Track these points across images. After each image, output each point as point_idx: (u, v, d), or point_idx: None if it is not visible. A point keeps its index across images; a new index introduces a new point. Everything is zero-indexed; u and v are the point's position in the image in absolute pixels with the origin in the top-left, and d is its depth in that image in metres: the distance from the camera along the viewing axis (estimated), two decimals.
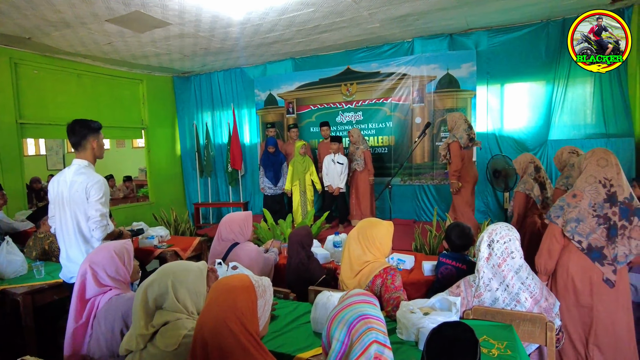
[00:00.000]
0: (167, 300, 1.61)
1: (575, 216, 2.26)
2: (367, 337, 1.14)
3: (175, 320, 1.59)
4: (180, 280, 1.64)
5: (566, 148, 3.36)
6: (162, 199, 7.47)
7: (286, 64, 6.97)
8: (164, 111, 7.75)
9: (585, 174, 2.34)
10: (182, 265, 1.70)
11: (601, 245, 2.23)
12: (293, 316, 2.21)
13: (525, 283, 2.05)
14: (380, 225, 2.38)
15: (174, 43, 5.48)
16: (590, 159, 2.35)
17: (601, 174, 2.28)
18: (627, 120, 4.97)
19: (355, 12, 4.61)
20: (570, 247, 2.31)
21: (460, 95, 5.79)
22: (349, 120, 6.60)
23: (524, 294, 2.04)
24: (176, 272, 1.65)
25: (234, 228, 2.98)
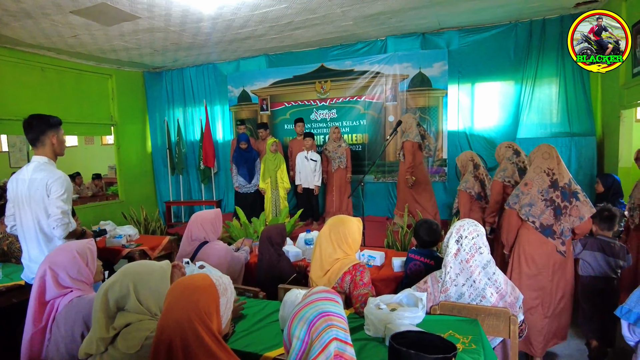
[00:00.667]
0: (129, 302, 1.56)
1: (528, 201, 2.75)
2: (327, 335, 1.14)
3: (138, 321, 1.54)
4: (142, 281, 1.59)
5: (504, 144, 3.64)
6: (133, 197, 7.28)
7: (260, 60, 6.90)
8: (134, 107, 7.55)
9: (533, 165, 2.83)
10: (145, 265, 1.66)
11: (551, 223, 2.72)
12: (262, 315, 2.19)
13: (492, 279, 2.08)
14: (351, 222, 2.39)
15: (143, 37, 5.34)
16: (537, 153, 2.85)
17: (545, 165, 2.77)
18: (589, 120, 5.16)
19: (328, 10, 4.60)
20: (527, 227, 2.78)
21: (432, 94, 5.88)
22: (323, 118, 6.60)
23: (490, 289, 2.07)
24: (138, 273, 1.60)
25: (205, 226, 2.92)
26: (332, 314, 1.20)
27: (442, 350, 1.43)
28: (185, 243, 2.89)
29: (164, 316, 1.32)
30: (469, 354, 1.73)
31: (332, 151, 5.84)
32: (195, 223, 2.87)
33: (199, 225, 2.85)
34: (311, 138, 5.69)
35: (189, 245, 2.86)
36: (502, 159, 3.54)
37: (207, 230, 2.87)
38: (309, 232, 3.48)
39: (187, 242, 2.87)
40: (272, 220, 4.90)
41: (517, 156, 3.47)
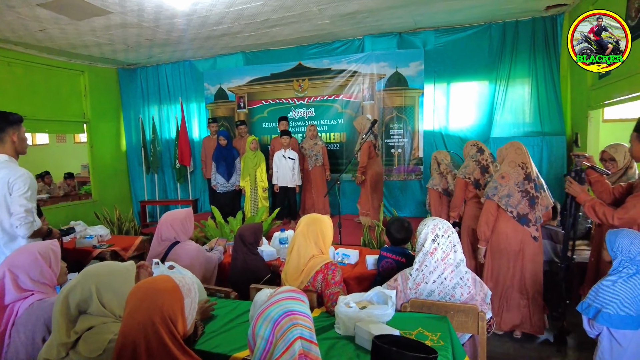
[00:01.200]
0: (91, 305, 1.51)
1: (506, 192, 2.98)
2: (292, 334, 1.13)
3: (101, 324, 1.50)
4: (105, 284, 1.54)
5: (470, 142, 3.79)
6: (107, 197, 7.11)
7: (237, 58, 6.84)
8: (108, 104, 7.37)
9: (507, 160, 3.06)
10: (108, 266, 1.61)
11: (526, 212, 2.98)
12: (232, 315, 2.16)
13: (464, 278, 2.11)
14: (324, 219, 2.43)
15: (116, 33, 5.21)
16: (510, 149, 3.09)
17: (519, 159, 3.02)
18: (559, 120, 5.30)
19: (305, 7, 4.59)
20: (504, 216, 3.01)
21: (409, 93, 5.93)
22: (301, 117, 6.58)
23: (461, 289, 2.09)
24: (100, 275, 1.55)
25: (175, 226, 2.87)
26: (297, 313, 1.19)
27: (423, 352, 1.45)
28: (155, 243, 2.83)
29: (127, 321, 1.28)
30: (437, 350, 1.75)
31: (308, 149, 5.83)
32: (165, 223, 2.81)
33: (168, 225, 2.80)
34: (288, 136, 5.67)
35: (159, 246, 2.80)
36: (467, 156, 3.70)
37: (177, 230, 2.82)
38: (283, 232, 3.47)
39: (157, 242, 2.81)
40: (249, 219, 4.85)
41: (481, 154, 3.58)
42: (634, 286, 1.95)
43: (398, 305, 2.12)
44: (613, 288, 1.99)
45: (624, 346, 1.99)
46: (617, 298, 1.96)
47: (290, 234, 3.46)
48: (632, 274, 1.98)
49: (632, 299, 1.94)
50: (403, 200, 6.16)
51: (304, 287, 2.27)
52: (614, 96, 3.85)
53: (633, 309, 1.93)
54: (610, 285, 2.01)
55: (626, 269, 2.01)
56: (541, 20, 5.31)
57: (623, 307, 1.94)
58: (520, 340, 3.26)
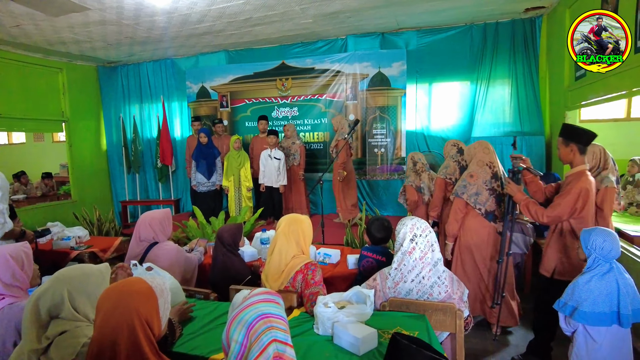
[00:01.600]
0: (63, 310, 1.47)
1: (475, 191, 3.10)
2: (266, 337, 1.12)
3: (74, 328, 1.47)
4: (78, 288, 1.51)
5: (451, 141, 3.87)
6: (87, 197, 6.98)
7: (219, 56, 6.77)
8: (88, 103, 7.23)
9: (475, 159, 3.19)
10: (80, 269, 1.57)
11: (493, 209, 3.12)
12: (211, 317, 2.15)
13: (442, 277, 2.12)
14: (304, 219, 2.44)
15: (95, 30, 5.11)
16: (478, 149, 3.22)
17: (487, 159, 3.15)
18: (538, 120, 5.39)
19: (287, 7, 4.57)
20: (472, 213, 3.13)
21: (391, 93, 5.97)
22: (284, 116, 6.56)
23: (439, 288, 2.11)
24: (73, 279, 1.52)
25: (154, 226, 2.82)
26: (271, 316, 1.18)
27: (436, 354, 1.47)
28: (133, 244, 2.79)
29: (101, 325, 1.25)
30: None
31: (286, 148, 5.83)
32: (144, 223, 2.77)
33: (147, 226, 2.75)
34: (275, 136, 5.64)
35: (137, 247, 2.76)
36: (447, 156, 3.75)
37: (156, 231, 2.78)
38: (264, 232, 3.45)
39: (136, 243, 2.77)
40: (231, 219, 4.82)
41: (461, 155, 3.65)
42: (608, 283, 2.00)
43: (377, 305, 2.13)
44: (588, 286, 2.03)
45: (598, 342, 2.03)
46: (591, 295, 2.00)
47: (271, 234, 3.45)
48: (605, 272, 2.03)
49: (606, 296, 1.98)
50: (386, 199, 6.19)
51: (284, 287, 2.27)
52: (589, 97, 3.94)
53: (607, 306, 1.97)
54: (585, 283, 2.05)
55: (600, 267, 2.05)
56: (520, 22, 5.39)
57: (597, 304, 1.99)
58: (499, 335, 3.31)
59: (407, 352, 1.40)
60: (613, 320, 1.97)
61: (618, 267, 2.05)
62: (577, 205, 2.51)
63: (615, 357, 2.03)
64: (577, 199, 2.50)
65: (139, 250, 2.73)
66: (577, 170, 2.63)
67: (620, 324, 1.97)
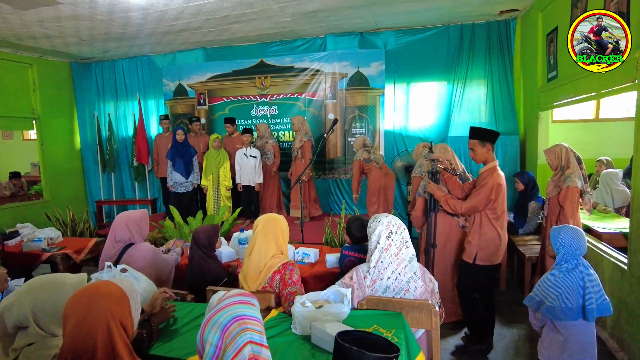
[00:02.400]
0: (29, 328, 1.42)
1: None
2: (241, 339, 1.12)
3: (42, 340, 1.42)
4: (44, 309, 1.42)
5: (421, 144, 4.08)
6: (60, 197, 6.79)
7: (197, 54, 6.68)
8: (60, 100, 7.03)
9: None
10: (50, 285, 1.47)
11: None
12: (188, 318, 2.12)
13: (417, 272, 2.17)
14: (281, 219, 2.45)
15: (67, 25, 4.97)
16: (435, 150, 3.43)
17: (444, 157, 3.36)
18: (513, 120, 5.52)
19: (265, 5, 4.54)
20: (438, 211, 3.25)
21: (370, 93, 6.01)
22: (263, 114, 6.53)
23: (415, 283, 2.16)
24: (38, 296, 1.43)
25: (130, 227, 2.76)
26: (246, 317, 1.17)
27: (386, 351, 1.46)
28: (109, 245, 2.72)
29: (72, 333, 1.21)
30: None
31: (260, 147, 5.81)
32: (120, 223, 2.71)
33: (123, 226, 2.70)
34: (250, 134, 5.60)
35: (113, 248, 2.70)
36: (419, 156, 3.90)
37: (133, 231, 2.73)
38: (242, 232, 3.43)
39: (111, 244, 2.71)
40: (208, 219, 4.77)
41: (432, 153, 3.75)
42: (574, 279, 2.07)
43: (354, 303, 2.15)
44: (555, 281, 2.10)
45: (564, 336, 2.10)
46: (559, 290, 2.07)
47: (249, 234, 3.43)
48: (572, 268, 2.10)
49: (573, 291, 2.05)
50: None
51: (261, 287, 2.26)
52: (561, 98, 4.05)
53: (573, 301, 2.04)
54: (553, 279, 2.12)
55: (567, 263, 2.12)
56: (496, 24, 5.51)
57: (564, 299, 2.05)
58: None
59: (350, 355, 1.41)
60: (579, 314, 2.05)
61: (584, 264, 2.13)
62: (491, 197, 2.82)
63: (581, 350, 2.10)
64: (490, 192, 2.82)
65: (115, 252, 2.68)
66: (490, 167, 2.92)
67: (586, 318, 2.04)
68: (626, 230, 3.28)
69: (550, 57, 4.35)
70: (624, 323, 2.95)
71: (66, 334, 1.22)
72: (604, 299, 2.07)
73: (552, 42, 4.25)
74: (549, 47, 4.36)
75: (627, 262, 2.93)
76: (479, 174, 3.00)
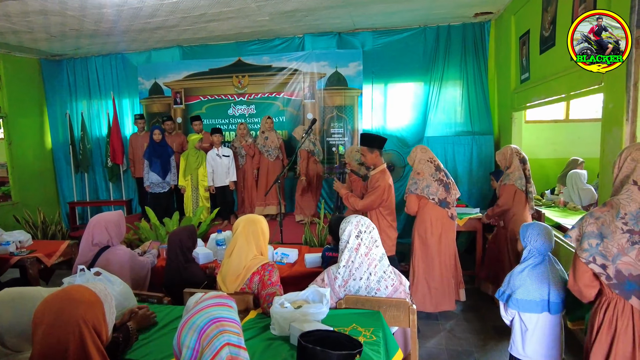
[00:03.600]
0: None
1: (425, 184, 3.50)
2: (219, 341, 1.11)
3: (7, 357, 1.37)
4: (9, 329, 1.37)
5: (354, 147, 4.36)
6: (30, 199, 6.57)
7: (173, 52, 6.57)
8: (29, 98, 6.79)
9: (417, 159, 3.61)
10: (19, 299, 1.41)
11: (444, 197, 3.51)
12: (165, 321, 2.09)
13: (387, 272, 2.20)
14: (261, 220, 2.43)
15: (35, 20, 4.80)
16: (417, 151, 3.65)
17: (426, 156, 3.59)
18: (488, 120, 5.65)
19: (243, 3, 4.51)
20: (428, 204, 3.51)
21: (348, 93, 6.04)
22: (241, 114, 6.47)
23: (385, 282, 2.19)
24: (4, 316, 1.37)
25: (110, 229, 2.68)
26: (223, 320, 1.17)
27: (349, 347, 1.48)
28: (85, 248, 2.64)
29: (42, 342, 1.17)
30: (369, 345, 1.80)
31: (238, 147, 5.77)
32: (99, 226, 2.62)
33: (102, 229, 2.62)
34: (220, 134, 5.54)
35: (90, 251, 2.62)
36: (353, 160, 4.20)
37: (112, 234, 2.66)
38: (220, 233, 3.40)
39: (89, 247, 2.63)
40: (185, 220, 4.70)
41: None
42: (539, 274, 2.17)
43: (333, 303, 2.16)
44: (522, 275, 2.19)
45: (530, 329, 2.21)
46: (524, 284, 2.17)
47: (227, 234, 3.40)
48: (538, 263, 2.20)
49: (537, 285, 2.15)
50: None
51: (240, 289, 2.24)
52: (533, 99, 4.17)
53: (537, 294, 2.14)
54: (519, 273, 2.21)
55: (533, 258, 2.22)
56: (471, 26, 5.62)
57: (529, 293, 2.15)
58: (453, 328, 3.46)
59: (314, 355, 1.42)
60: (543, 307, 2.14)
61: (550, 259, 2.23)
62: (384, 197, 3.29)
63: (546, 341, 2.20)
64: (383, 193, 3.28)
65: (91, 255, 2.61)
66: (380, 170, 3.36)
67: (550, 312, 2.13)
68: None
69: (523, 59, 4.46)
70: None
71: (35, 341, 1.19)
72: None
73: (525, 44, 4.36)
74: (522, 49, 4.48)
75: None
76: (370, 177, 3.39)
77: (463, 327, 3.51)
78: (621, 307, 1.63)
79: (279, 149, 5.65)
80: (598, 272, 1.64)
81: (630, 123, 2.61)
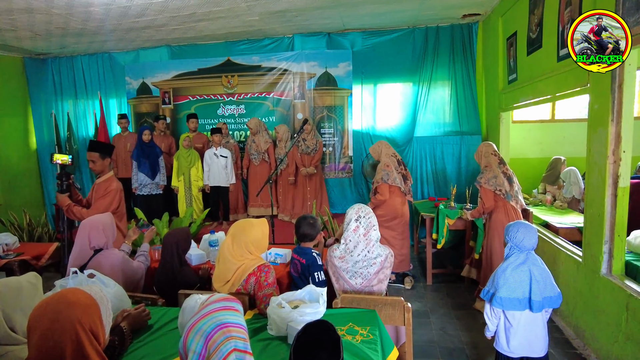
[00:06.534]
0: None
1: (394, 176, 4.10)
2: (226, 347, 1.12)
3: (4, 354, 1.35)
4: (12, 305, 1.38)
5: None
6: (14, 200, 6.44)
7: (161, 51, 6.51)
8: (12, 97, 6.65)
9: (383, 154, 4.23)
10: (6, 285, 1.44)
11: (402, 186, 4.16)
12: (161, 323, 2.08)
13: (384, 251, 2.50)
14: (253, 227, 2.32)
15: (19, 18, 4.71)
16: (382, 146, 4.31)
17: (390, 151, 4.26)
18: (476, 120, 5.73)
19: (233, 3, 4.49)
20: (397, 192, 4.14)
21: (338, 93, 6.06)
22: (231, 114, 6.45)
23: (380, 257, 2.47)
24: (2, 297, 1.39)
25: (107, 232, 2.62)
26: (230, 325, 1.17)
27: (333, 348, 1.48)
28: (83, 252, 2.60)
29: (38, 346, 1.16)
30: (366, 344, 1.83)
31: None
32: (96, 229, 2.56)
33: (100, 231, 2.56)
34: (219, 134, 5.52)
35: (88, 254, 2.58)
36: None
37: (109, 236, 2.62)
38: (213, 234, 3.39)
39: (86, 250, 2.58)
40: (176, 222, 4.67)
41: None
42: (522, 273, 2.22)
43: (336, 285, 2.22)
44: (504, 274, 2.25)
45: (514, 326, 2.27)
46: (507, 282, 2.22)
47: (220, 235, 3.39)
48: (521, 262, 2.25)
49: (519, 284, 2.21)
50: (334, 197, 6.29)
51: (235, 290, 2.24)
52: (520, 100, 4.25)
53: (520, 292, 2.20)
54: (502, 271, 2.27)
55: (515, 256, 2.27)
56: (459, 27, 5.69)
57: (512, 291, 2.20)
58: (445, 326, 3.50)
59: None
60: (525, 305, 2.20)
61: (533, 258, 2.28)
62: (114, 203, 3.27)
63: (530, 338, 2.27)
64: (114, 198, 3.27)
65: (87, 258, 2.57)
66: (109, 177, 3.36)
67: (532, 309, 2.19)
68: (581, 225, 3.50)
69: (510, 60, 4.54)
70: (580, 312, 3.14)
71: (32, 345, 1.18)
72: (552, 292, 2.21)
73: (512, 45, 4.44)
74: (509, 50, 4.55)
75: (582, 255, 3.12)
76: (96, 184, 3.36)
77: (454, 324, 3.57)
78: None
79: (265, 152, 5.64)
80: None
81: (616, 123, 2.68)
